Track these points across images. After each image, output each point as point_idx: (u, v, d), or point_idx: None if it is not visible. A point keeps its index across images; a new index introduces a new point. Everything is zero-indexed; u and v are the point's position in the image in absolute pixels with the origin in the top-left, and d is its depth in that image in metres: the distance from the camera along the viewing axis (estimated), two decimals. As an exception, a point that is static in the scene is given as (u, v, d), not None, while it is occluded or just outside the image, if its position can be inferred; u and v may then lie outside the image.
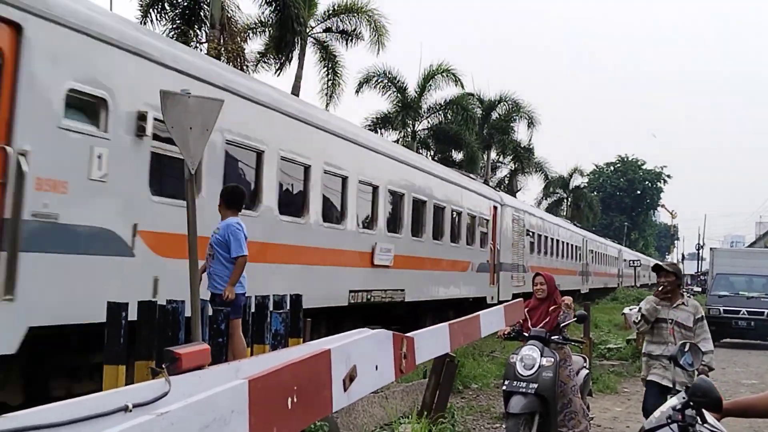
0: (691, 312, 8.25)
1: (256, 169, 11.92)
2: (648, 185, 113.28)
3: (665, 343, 8.14)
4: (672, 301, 8.36)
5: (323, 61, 31.70)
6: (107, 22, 9.07)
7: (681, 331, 8.14)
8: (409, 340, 3.70)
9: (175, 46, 11.67)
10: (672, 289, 8.37)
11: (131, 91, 9.16)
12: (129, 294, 8.06)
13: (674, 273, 8.44)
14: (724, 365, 19.64)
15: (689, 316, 8.22)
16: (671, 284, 8.33)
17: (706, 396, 3.43)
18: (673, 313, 8.29)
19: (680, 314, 8.24)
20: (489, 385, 13.79)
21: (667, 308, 8.33)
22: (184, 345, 3.20)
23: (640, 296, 52.43)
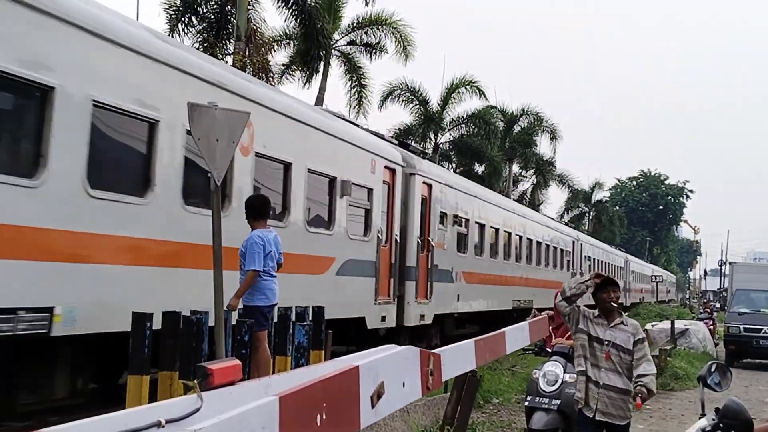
0: (631, 333, 7.10)
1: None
2: (670, 200, 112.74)
3: (598, 367, 6.94)
4: (609, 320, 7.12)
5: (348, 73, 31.77)
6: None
7: (619, 354, 6.98)
8: (435, 357, 3.70)
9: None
10: (613, 307, 7.20)
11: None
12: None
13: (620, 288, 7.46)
14: (747, 383, 19.46)
15: (629, 337, 7.06)
16: (617, 300, 7.22)
17: (736, 418, 3.40)
18: (610, 333, 7.06)
19: (619, 335, 7.05)
20: (510, 400, 13.72)
21: (603, 327, 7.10)
22: (216, 361, 3.21)
23: (662, 312, 52.23)
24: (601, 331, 7.04)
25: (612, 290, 7.08)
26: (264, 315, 9.11)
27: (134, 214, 9.04)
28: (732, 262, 38.24)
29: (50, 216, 7.88)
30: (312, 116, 13.88)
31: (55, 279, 7.91)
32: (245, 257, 9.06)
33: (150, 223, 9.29)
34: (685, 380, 17.85)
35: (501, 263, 25.54)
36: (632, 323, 7.20)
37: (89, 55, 8.39)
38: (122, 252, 8.85)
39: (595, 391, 6.85)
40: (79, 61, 8.27)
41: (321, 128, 13.78)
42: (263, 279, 9.13)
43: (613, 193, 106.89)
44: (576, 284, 7.07)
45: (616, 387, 6.85)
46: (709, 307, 36.51)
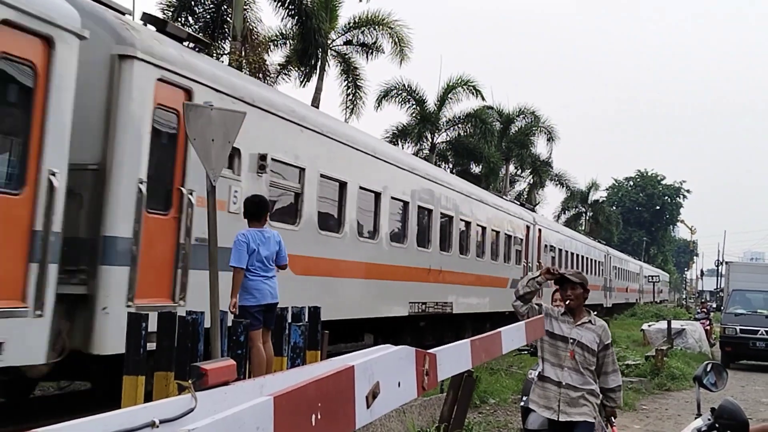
0: (598, 334, 6.73)
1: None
2: (667, 200, 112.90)
3: (560, 367, 6.68)
4: (576, 318, 6.80)
5: (344, 74, 31.78)
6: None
7: (584, 354, 6.66)
8: (431, 357, 3.69)
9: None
10: (579, 304, 6.82)
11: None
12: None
13: (581, 283, 6.82)
14: (743, 383, 19.51)
15: (595, 338, 6.70)
16: (578, 297, 6.77)
17: (732, 418, 3.40)
18: (576, 332, 6.72)
19: (585, 334, 6.69)
20: (507, 400, 13.74)
21: (569, 325, 6.79)
22: (211, 361, 3.20)
23: (659, 312, 52.28)
24: (567, 329, 6.72)
25: (569, 287, 6.69)
26: (252, 315, 9.06)
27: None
28: (728, 262, 37.20)
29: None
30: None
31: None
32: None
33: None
34: (681, 380, 17.90)
35: (383, 247, 16.41)
36: (600, 324, 6.81)
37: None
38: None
39: (556, 392, 6.62)
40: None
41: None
42: (249, 279, 9.11)
43: (609, 193, 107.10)
44: (527, 281, 6.71)
45: (578, 387, 6.56)
46: (706, 307, 36.57)
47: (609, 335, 6.82)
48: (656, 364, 18.92)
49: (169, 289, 9.52)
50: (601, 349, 6.72)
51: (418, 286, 18.25)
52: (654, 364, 18.94)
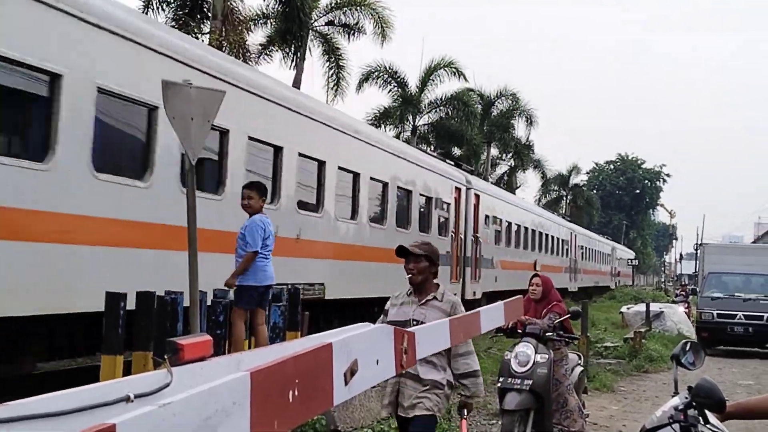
0: (446, 311, 5.71)
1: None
2: (647, 184, 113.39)
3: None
4: (421, 296, 5.91)
5: (326, 54, 31.63)
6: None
7: None
8: (409, 335, 3.69)
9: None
10: (424, 279, 5.93)
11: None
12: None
13: (426, 256, 5.93)
14: (721, 366, 19.66)
15: (441, 316, 5.61)
16: (422, 272, 5.89)
17: (709, 396, 3.42)
18: (419, 312, 5.80)
19: (430, 313, 5.74)
20: (486, 381, 13.72)
21: (412, 305, 5.89)
22: (187, 336, 3.18)
23: (637, 295, 52.64)
24: (410, 310, 5.85)
25: (412, 260, 5.86)
26: (252, 295, 9.13)
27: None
28: (702, 244, 35.89)
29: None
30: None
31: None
32: (245, 239, 9.11)
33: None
34: (659, 362, 18.04)
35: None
36: (449, 299, 5.91)
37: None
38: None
39: (394, 383, 5.78)
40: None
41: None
42: (258, 260, 9.21)
43: (590, 177, 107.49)
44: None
45: (421, 377, 5.68)
46: (685, 290, 36.79)
47: (459, 311, 5.74)
48: (634, 346, 19.06)
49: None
50: None
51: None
52: (632, 346, 19.08)
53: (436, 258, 6.02)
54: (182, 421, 2.00)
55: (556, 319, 8.68)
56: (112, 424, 1.81)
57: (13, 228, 8.00)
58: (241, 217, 9.40)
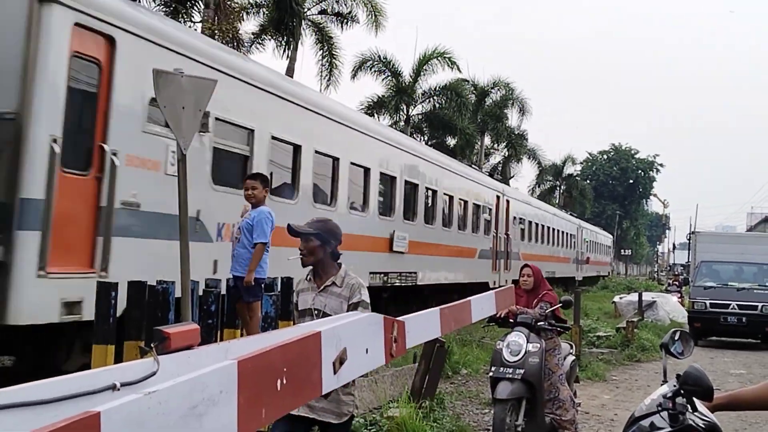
0: (345, 297, 5.25)
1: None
2: (641, 174, 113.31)
3: None
4: (319, 282, 5.35)
5: (319, 43, 31.55)
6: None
7: None
8: (399, 324, 3.68)
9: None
10: (317, 261, 5.34)
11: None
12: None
13: (316, 234, 5.30)
14: (713, 355, 19.74)
15: (341, 304, 5.21)
16: (313, 252, 5.29)
17: (697, 384, 3.42)
18: (319, 300, 5.30)
19: (329, 302, 5.26)
20: (478, 371, 13.82)
21: (312, 293, 5.36)
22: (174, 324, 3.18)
23: (630, 285, 52.75)
24: (310, 299, 5.36)
25: (303, 241, 5.33)
26: (260, 287, 9.17)
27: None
28: (694, 232, 34.59)
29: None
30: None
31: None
32: (251, 231, 9.09)
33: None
34: (651, 351, 18.08)
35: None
36: (349, 283, 5.31)
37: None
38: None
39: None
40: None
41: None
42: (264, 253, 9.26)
43: (584, 167, 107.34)
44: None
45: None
46: (678, 280, 36.89)
47: (360, 292, 5.27)
48: (627, 335, 19.11)
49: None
50: (349, 309, 5.17)
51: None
52: (624, 336, 19.12)
53: (331, 236, 5.35)
54: (168, 409, 2.00)
55: (547, 308, 8.68)
56: (97, 412, 1.81)
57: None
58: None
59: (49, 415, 2.03)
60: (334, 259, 5.36)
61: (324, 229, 5.31)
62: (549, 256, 38.30)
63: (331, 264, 5.34)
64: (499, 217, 29.22)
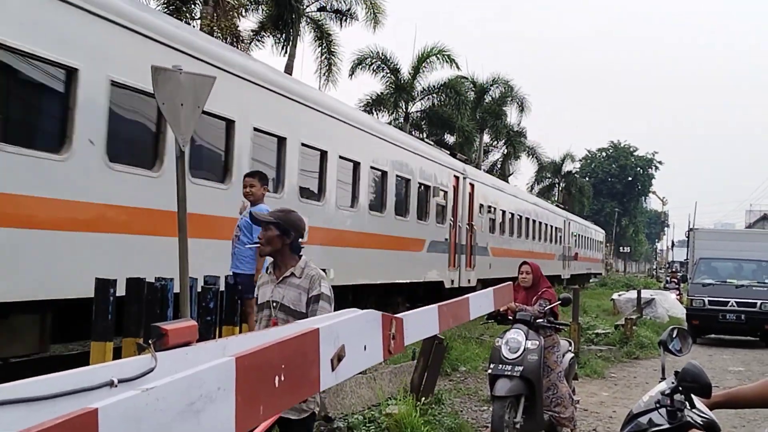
0: (304, 288, 5.13)
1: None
2: (639, 171, 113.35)
3: None
4: (279, 272, 5.25)
5: (318, 40, 31.54)
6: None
7: (287, 320, 4.96)
8: (398, 321, 3.68)
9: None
10: (275, 251, 5.25)
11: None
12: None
13: (276, 224, 5.21)
14: (711, 352, 19.75)
15: (301, 295, 5.12)
16: (271, 242, 5.20)
17: (695, 381, 3.42)
18: (278, 291, 5.19)
19: (288, 293, 5.15)
20: (477, 368, 13.82)
21: (271, 285, 5.26)
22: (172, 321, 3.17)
23: (629, 282, 52.75)
24: (269, 290, 5.26)
25: (262, 229, 5.27)
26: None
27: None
28: (694, 229, 34.87)
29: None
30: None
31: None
32: (250, 229, 9.10)
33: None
34: (650, 349, 18.09)
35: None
36: (309, 274, 5.19)
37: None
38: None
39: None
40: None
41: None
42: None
43: (582, 165, 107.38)
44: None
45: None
46: (676, 277, 36.89)
47: (320, 285, 5.15)
48: (625, 332, 19.12)
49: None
50: (309, 302, 5.14)
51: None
52: (623, 333, 19.13)
53: (292, 227, 5.24)
54: (166, 405, 2.00)
55: (546, 305, 8.69)
56: (95, 409, 1.80)
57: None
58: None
59: (47, 412, 2.02)
60: (295, 251, 5.27)
61: (284, 220, 5.22)
62: (528, 251, 33.08)
63: (290, 255, 5.25)
64: (460, 203, 24.15)
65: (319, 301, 5.07)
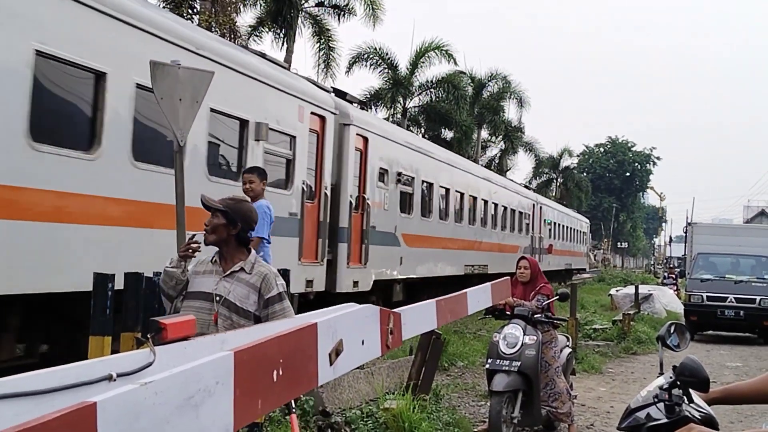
0: (255, 286, 4.84)
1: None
2: (637, 167, 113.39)
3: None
4: (226, 265, 4.95)
5: (317, 35, 31.47)
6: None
7: (231, 317, 4.76)
8: (395, 316, 3.69)
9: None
10: (219, 241, 4.96)
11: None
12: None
13: (223, 212, 4.94)
14: (709, 348, 19.78)
15: (250, 293, 4.83)
16: (216, 231, 4.92)
17: (693, 375, 3.42)
18: (223, 285, 4.86)
19: (235, 288, 4.84)
20: (475, 363, 13.84)
21: (214, 276, 4.93)
22: (170, 315, 3.18)
23: (627, 277, 52.79)
24: (213, 282, 4.90)
25: (212, 216, 4.97)
26: None
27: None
28: (691, 223, 34.46)
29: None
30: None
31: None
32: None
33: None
34: (647, 344, 18.10)
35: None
36: (260, 271, 4.91)
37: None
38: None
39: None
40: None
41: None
42: (265, 245, 9.28)
43: (580, 160, 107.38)
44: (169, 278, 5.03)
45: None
46: (674, 273, 36.90)
47: (274, 285, 4.88)
48: (623, 328, 19.13)
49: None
50: (264, 303, 4.85)
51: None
52: (621, 329, 19.14)
53: (240, 218, 4.93)
54: (164, 399, 2.00)
55: (544, 301, 8.70)
56: (93, 402, 1.81)
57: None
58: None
59: (46, 405, 2.03)
60: (242, 244, 5.00)
61: (233, 208, 4.94)
62: (473, 242, 25.79)
63: (237, 248, 4.97)
64: (328, 159, 14.97)
65: (282, 301, 4.86)
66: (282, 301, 4.84)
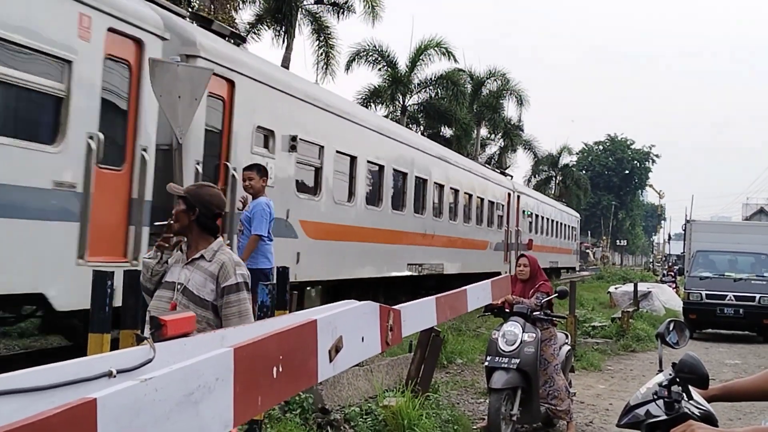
0: (213, 274, 4.67)
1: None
2: (636, 165, 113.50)
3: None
4: (190, 253, 4.79)
5: (316, 33, 31.44)
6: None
7: (188, 306, 4.54)
8: (395, 313, 3.68)
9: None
10: (183, 229, 4.80)
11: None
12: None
13: (184, 198, 4.79)
14: (708, 345, 19.78)
15: (207, 281, 4.65)
16: (179, 219, 4.77)
17: (692, 372, 3.42)
18: (184, 273, 4.71)
19: (194, 276, 4.67)
20: (474, 360, 13.84)
21: (177, 265, 4.80)
22: (170, 312, 3.18)
23: (625, 275, 52.81)
24: (177, 271, 4.77)
25: (176, 203, 4.84)
26: (267, 277, 9.28)
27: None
28: (689, 220, 34.34)
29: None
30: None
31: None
32: (250, 222, 9.19)
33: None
34: (646, 342, 18.10)
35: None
36: (220, 258, 4.71)
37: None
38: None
39: None
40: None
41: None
42: (266, 243, 9.33)
43: (579, 158, 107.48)
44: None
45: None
46: (673, 270, 36.92)
47: (232, 274, 4.67)
48: (622, 325, 19.12)
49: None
50: (221, 292, 4.64)
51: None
52: (620, 326, 19.13)
53: (199, 203, 4.74)
54: (164, 396, 2.00)
55: (543, 298, 8.70)
56: (93, 399, 1.81)
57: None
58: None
59: (46, 402, 2.03)
60: (207, 231, 4.81)
61: (192, 194, 4.77)
62: (418, 234, 20.95)
63: (200, 235, 4.78)
64: (145, 105, 8.78)
65: (239, 292, 4.64)
66: (239, 291, 4.62)
